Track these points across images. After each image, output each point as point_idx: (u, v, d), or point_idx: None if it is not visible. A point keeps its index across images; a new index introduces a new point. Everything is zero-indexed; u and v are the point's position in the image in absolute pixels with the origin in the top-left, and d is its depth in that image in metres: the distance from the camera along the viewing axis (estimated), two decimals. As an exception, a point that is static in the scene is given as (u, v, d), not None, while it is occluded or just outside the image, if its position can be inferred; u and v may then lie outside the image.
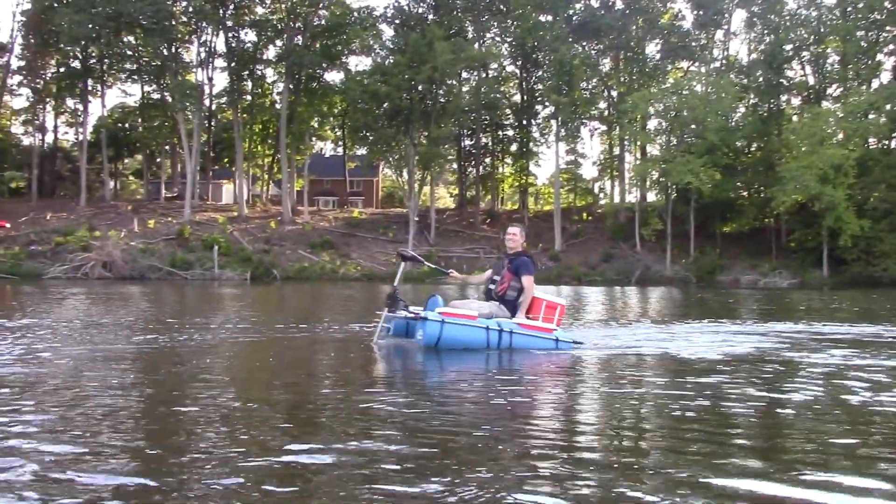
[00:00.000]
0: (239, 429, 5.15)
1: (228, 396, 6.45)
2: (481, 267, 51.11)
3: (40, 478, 4.01)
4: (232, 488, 3.79)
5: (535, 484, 3.94)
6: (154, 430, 5.23)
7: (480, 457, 4.44)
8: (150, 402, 6.29)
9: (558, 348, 9.59)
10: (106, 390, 6.66)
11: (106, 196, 63.21)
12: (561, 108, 55.21)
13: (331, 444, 4.66)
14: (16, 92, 65.56)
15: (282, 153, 60.57)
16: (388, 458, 4.36)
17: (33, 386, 6.87)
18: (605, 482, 3.98)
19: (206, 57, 61.06)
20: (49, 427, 5.19)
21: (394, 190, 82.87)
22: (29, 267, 44.91)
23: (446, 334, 9.13)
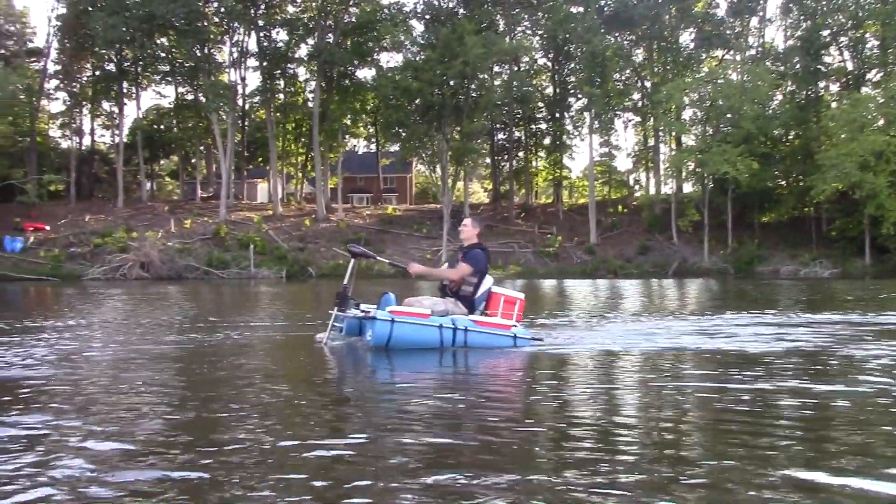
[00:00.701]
0: (275, 424, 5.12)
1: (265, 393, 6.40)
2: (516, 262, 51.03)
3: (86, 474, 4.03)
4: (271, 481, 3.83)
5: (576, 484, 3.79)
6: (194, 426, 5.21)
7: (532, 455, 4.31)
8: (190, 399, 6.25)
9: (516, 346, 9.23)
10: (148, 389, 6.66)
11: (143, 197, 63.91)
12: (594, 100, 54.77)
13: (364, 439, 4.67)
14: (53, 96, 66.57)
15: (315, 151, 60.77)
16: (419, 453, 4.34)
17: (77, 385, 6.88)
18: (647, 479, 3.83)
19: (239, 57, 61.46)
20: (93, 424, 5.23)
21: (427, 186, 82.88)
22: (69, 269, 45.51)
23: (396, 334, 8.78)
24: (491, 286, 9.65)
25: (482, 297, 9.56)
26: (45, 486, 3.89)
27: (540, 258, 52.57)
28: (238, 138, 64.29)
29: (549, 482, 3.86)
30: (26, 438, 4.89)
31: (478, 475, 3.96)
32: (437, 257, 51.27)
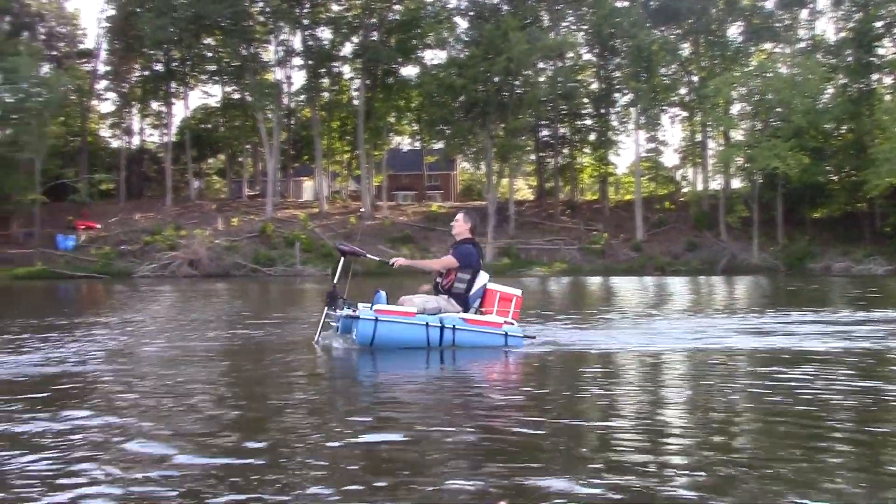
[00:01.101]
0: (320, 420, 5.11)
1: (309, 389, 6.39)
2: (561, 259, 50.71)
3: (134, 467, 4.10)
4: (317, 475, 3.90)
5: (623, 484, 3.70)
6: (239, 421, 5.23)
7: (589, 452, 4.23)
8: (236, 395, 6.27)
9: (507, 344, 9.04)
10: (195, 385, 6.72)
11: (191, 195, 64.73)
12: (640, 95, 54.19)
13: (403, 432, 4.71)
14: (103, 96, 67.83)
15: (360, 149, 60.99)
16: (462, 447, 4.34)
17: (127, 381, 6.96)
18: (695, 479, 3.72)
19: (284, 56, 61.92)
20: (141, 419, 5.29)
21: (472, 183, 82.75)
22: (119, 266, 46.25)
23: (381, 333, 8.69)
24: (486, 283, 9.45)
25: (476, 294, 9.36)
26: (94, 477, 3.93)
27: (585, 255, 52.18)
28: (284, 137, 64.77)
29: (595, 482, 3.79)
30: (78, 432, 4.96)
31: (528, 471, 3.90)
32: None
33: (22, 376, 7.30)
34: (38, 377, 7.24)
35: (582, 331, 11.23)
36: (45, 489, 3.78)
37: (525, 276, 43.15)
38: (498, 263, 49.68)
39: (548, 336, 10.24)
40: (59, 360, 8.27)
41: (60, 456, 4.35)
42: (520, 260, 50.42)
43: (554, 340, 9.75)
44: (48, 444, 4.66)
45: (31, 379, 7.16)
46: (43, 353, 8.86)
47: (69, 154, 61.66)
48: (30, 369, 7.68)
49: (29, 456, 4.36)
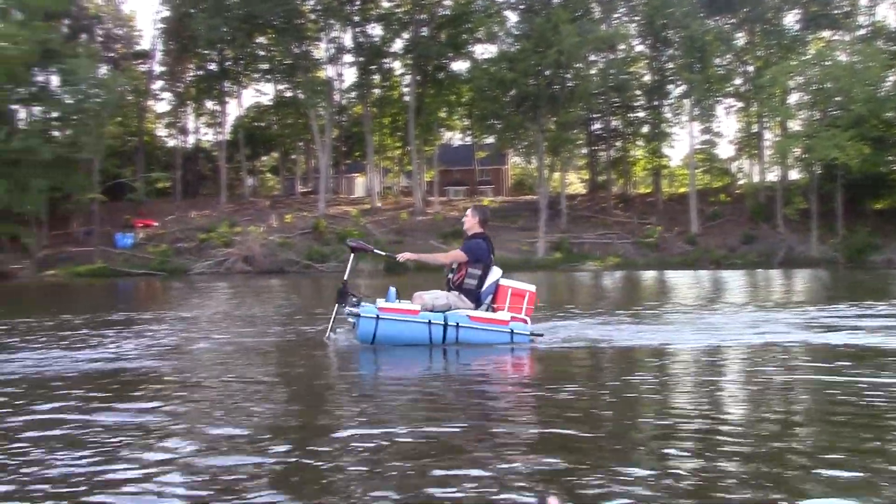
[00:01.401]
0: (371, 414, 5.08)
1: (361, 383, 6.38)
2: (614, 253, 50.22)
3: (187, 459, 4.19)
4: (370, 467, 3.94)
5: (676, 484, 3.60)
6: (290, 414, 5.22)
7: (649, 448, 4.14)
8: (288, 389, 6.28)
9: (514, 341, 8.89)
10: (248, 379, 6.76)
11: (245, 193, 65.50)
12: (694, 86, 53.31)
13: (457, 425, 4.67)
14: (159, 96, 68.96)
15: (411, 145, 61.12)
16: (516, 439, 4.27)
17: (184, 376, 7.04)
18: (754, 472, 3.61)
19: (335, 53, 62.24)
20: (196, 413, 5.34)
21: (523, 177, 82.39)
22: (176, 263, 47.02)
23: (382, 331, 8.72)
24: (499, 279, 9.36)
25: (489, 290, 9.28)
26: (150, 469, 3.97)
27: (639, 249, 51.60)
28: (335, 133, 65.18)
29: (648, 478, 3.71)
30: (128, 427, 5.03)
31: (581, 467, 3.82)
32: (533, 249, 50.93)
33: (82, 371, 7.44)
34: (97, 372, 7.37)
35: (636, 326, 11.05)
36: (93, 481, 3.82)
37: (577, 271, 42.85)
38: (550, 258, 49.43)
39: (600, 332, 10.10)
40: (116, 356, 8.42)
41: (108, 449, 4.42)
42: (572, 254, 50.06)
43: (607, 337, 9.60)
44: (101, 435, 4.75)
45: (92, 373, 7.29)
46: (101, 349, 9.04)
47: (127, 153, 62.84)
48: (89, 364, 7.82)
49: (83, 448, 4.46)
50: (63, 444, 4.60)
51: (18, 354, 8.71)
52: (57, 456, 4.33)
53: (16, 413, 5.52)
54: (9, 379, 7.04)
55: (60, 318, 13.87)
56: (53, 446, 4.56)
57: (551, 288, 26.05)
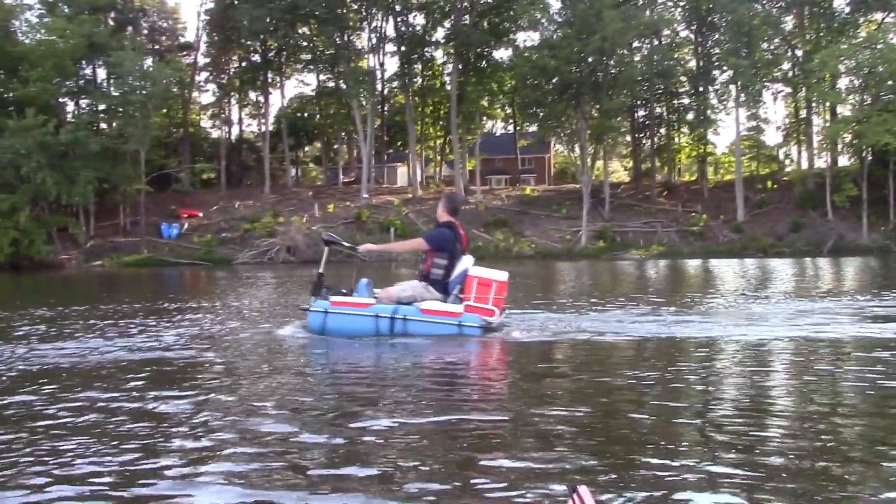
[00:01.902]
0: (409, 404, 5.01)
1: (402, 372, 6.31)
2: (658, 241, 49.66)
3: (230, 447, 4.17)
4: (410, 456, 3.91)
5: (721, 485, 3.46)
6: (329, 404, 5.17)
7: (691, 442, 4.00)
8: (329, 378, 6.23)
9: (462, 333, 8.67)
10: (290, 369, 6.73)
11: (288, 183, 65.97)
12: (740, 71, 52.36)
13: (495, 413, 4.55)
14: (203, 88, 69.84)
15: (453, 134, 61.00)
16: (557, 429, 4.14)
17: (224, 364, 7.05)
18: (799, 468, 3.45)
19: (377, 42, 62.31)
20: (242, 401, 5.34)
21: (566, 166, 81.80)
22: (220, 253, 47.54)
23: (330, 324, 8.90)
24: (468, 268, 9.11)
25: (457, 280, 9.06)
26: (191, 458, 4.00)
27: (684, 237, 50.98)
28: (378, 123, 65.31)
29: (687, 470, 3.58)
30: (180, 414, 5.06)
31: (622, 458, 3.70)
32: (576, 238, 50.57)
33: (127, 360, 7.50)
34: (142, 360, 7.43)
35: (678, 316, 10.83)
36: (135, 470, 3.84)
37: (620, 260, 42.45)
38: (593, 247, 49.05)
39: (643, 322, 9.91)
40: (162, 345, 8.52)
41: (151, 439, 4.44)
42: (615, 243, 49.64)
43: (651, 327, 9.40)
44: (144, 424, 4.77)
45: (137, 362, 7.35)
46: (146, 337, 9.16)
47: (172, 145, 63.66)
48: (134, 353, 7.88)
49: (126, 438, 4.49)
50: (104, 433, 4.63)
51: (64, 343, 8.84)
52: (99, 445, 4.35)
53: (59, 401, 5.55)
54: (54, 367, 7.10)
55: (107, 308, 14.06)
56: (95, 434, 4.58)
57: (594, 277, 25.80)
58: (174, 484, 3.66)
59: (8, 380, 6.51)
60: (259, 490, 3.54)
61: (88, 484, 3.69)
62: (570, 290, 18.65)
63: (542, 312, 11.46)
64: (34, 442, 4.43)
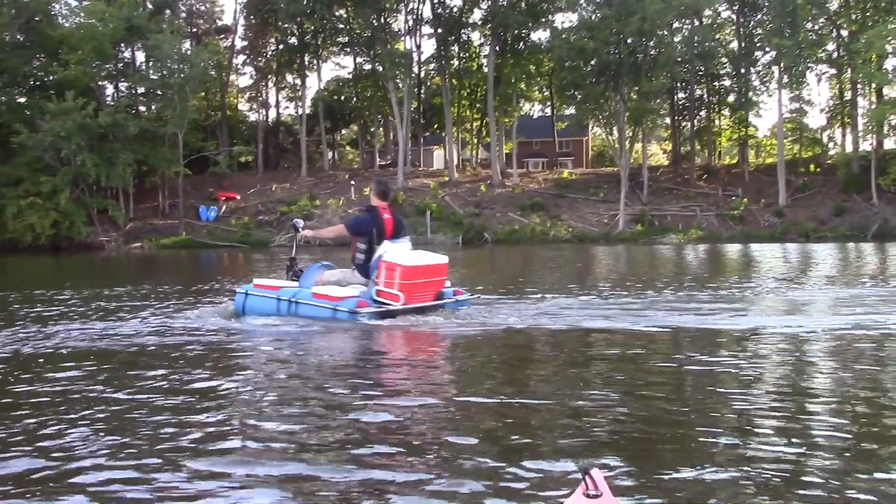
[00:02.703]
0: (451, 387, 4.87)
1: (440, 354, 6.17)
2: (698, 226, 48.99)
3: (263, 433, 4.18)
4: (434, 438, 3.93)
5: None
6: (365, 389, 5.04)
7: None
8: (356, 364, 6.11)
9: (336, 318, 8.75)
10: (325, 353, 6.63)
11: (325, 166, 66.08)
12: (783, 52, 51.28)
13: (528, 397, 4.40)
14: (241, 71, 70.11)
15: (490, 116, 60.61)
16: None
17: (265, 347, 7.00)
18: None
19: (414, 24, 62.05)
20: (272, 384, 5.33)
21: (604, 149, 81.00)
22: (258, 236, 47.79)
23: (248, 304, 9.53)
24: (383, 253, 9.10)
25: (374, 264, 9.18)
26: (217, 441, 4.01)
27: (724, 221, 50.23)
28: (414, 106, 65.12)
29: (723, 470, 3.37)
30: (207, 396, 5.07)
31: (654, 459, 3.51)
32: (613, 222, 50.07)
33: (160, 342, 7.48)
34: (180, 343, 7.41)
35: (713, 304, 10.52)
36: (167, 448, 3.79)
37: (659, 244, 41.94)
38: (631, 231, 48.53)
39: (678, 310, 9.63)
40: (196, 327, 8.56)
41: (184, 418, 4.49)
42: (653, 227, 49.08)
43: (685, 316, 9.10)
44: (174, 404, 4.83)
45: (174, 344, 7.33)
46: (182, 319, 9.38)
47: (210, 127, 63.98)
48: (168, 336, 7.85)
49: (156, 414, 4.63)
50: (138, 411, 4.71)
51: (94, 323, 8.88)
52: (136, 421, 4.49)
53: (79, 382, 5.51)
54: (106, 347, 7.08)
55: (160, 288, 14.34)
56: (163, 410, 4.73)
57: (630, 262, 25.47)
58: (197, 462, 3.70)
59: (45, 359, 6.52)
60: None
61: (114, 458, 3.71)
62: (604, 275, 18.36)
63: (565, 297, 11.22)
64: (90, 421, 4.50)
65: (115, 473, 3.59)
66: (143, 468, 3.68)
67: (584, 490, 2.11)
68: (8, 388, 5.60)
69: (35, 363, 6.53)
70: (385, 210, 9.47)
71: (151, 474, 3.60)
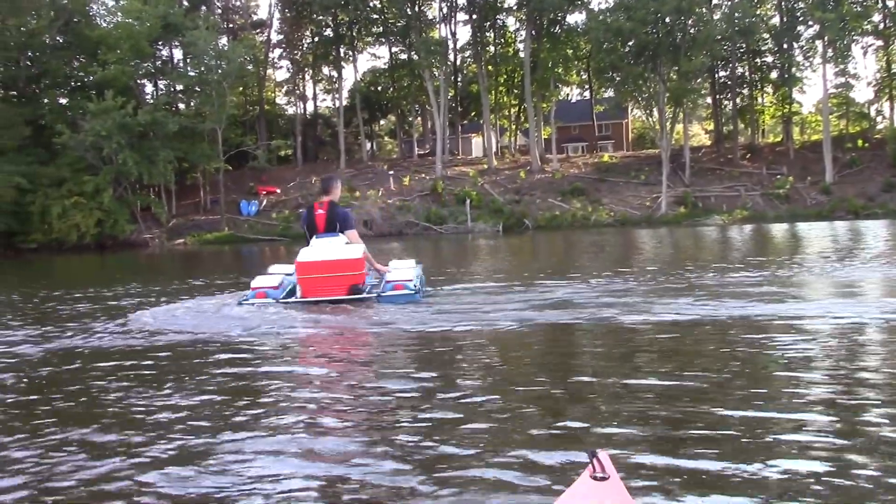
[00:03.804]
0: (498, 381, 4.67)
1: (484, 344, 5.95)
2: (742, 206, 48.15)
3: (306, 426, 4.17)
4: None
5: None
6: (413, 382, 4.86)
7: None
8: (409, 358, 5.93)
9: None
10: (369, 345, 6.46)
11: (364, 157, 66.16)
12: (827, 25, 50.05)
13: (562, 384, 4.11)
14: (277, 65, 70.43)
15: (527, 102, 60.10)
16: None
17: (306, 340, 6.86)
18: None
19: (448, 12, 61.73)
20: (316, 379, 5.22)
21: (644, 131, 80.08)
22: (298, 229, 47.72)
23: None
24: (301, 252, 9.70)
25: None
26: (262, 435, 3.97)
27: (769, 201, 49.30)
28: (451, 94, 64.88)
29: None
30: (255, 389, 5.03)
31: (706, 457, 3.26)
32: (655, 205, 49.41)
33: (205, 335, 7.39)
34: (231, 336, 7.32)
35: (764, 288, 10.14)
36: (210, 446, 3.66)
37: (702, 226, 41.27)
38: (673, 213, 47.86)
39: (719, 296, 9.26)
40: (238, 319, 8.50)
41: (226, 417, 4.35)
42: (697, 209, 48.34)
43: (727, 306, 8.67)
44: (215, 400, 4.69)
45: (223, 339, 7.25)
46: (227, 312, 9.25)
47: (248, 122, 64.38)
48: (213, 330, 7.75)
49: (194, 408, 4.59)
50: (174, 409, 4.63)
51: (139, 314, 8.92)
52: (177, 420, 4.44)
53: (120, 377, 5.42)
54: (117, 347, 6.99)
55: (188, 283, 14.28)
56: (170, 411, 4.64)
57: (675, 244, 25.01)
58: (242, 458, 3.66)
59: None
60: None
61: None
62: (656, 258, 17.98)
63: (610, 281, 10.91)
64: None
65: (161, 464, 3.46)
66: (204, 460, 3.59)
67: (592, 472, 2.11)
68: (82, 379, 5.69)
69: (104, 355, 6.54)
70: (321, 206, 9.75)
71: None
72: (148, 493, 3.29)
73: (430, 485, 3.23)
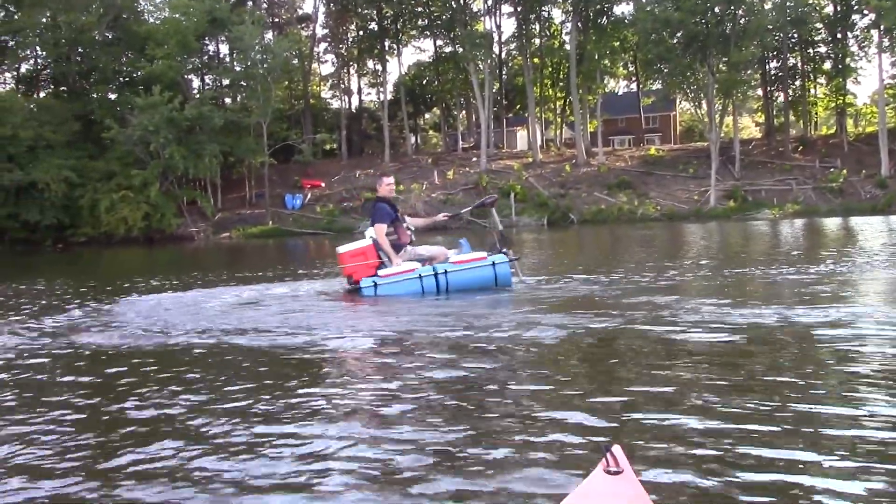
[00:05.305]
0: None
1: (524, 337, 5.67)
2: (794, 200, 47.13)
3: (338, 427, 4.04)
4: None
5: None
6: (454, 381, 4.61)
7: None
8: (456, 354, 5.68)
9: None
10: (416, 342, 6.30)
11: (408, 151, 66.18)
12: (883, 14, 48.69)
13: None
14: (322, 59, 70.77)
15: (573, 95, 59.50)
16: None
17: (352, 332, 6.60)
18: None
19: (493, 4, 61.31)
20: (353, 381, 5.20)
21: (693, 123, 78.96)
22: (342, 223, 48.05)
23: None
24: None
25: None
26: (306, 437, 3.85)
27: (822, 195, 48.19)
28: (496, 87, 64.54)
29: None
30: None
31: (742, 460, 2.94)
32: (704, 199, 48.57)
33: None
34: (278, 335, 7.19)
35: (816, 287, 9.69)
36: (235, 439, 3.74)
37: (752, 220, 40.43)
38: (722, 207, 47.03)
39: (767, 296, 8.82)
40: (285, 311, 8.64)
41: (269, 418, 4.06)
42: (747, 203, 47.45)
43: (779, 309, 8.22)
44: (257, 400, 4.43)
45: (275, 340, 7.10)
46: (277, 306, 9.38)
47: (293, 116, 64.67)
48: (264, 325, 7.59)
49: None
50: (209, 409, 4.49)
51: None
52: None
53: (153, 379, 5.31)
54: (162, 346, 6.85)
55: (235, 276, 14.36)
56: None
57: (724, 238, 24.46)
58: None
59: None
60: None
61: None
62: (709, 253, 17.50)
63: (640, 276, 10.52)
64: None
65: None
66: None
67: (605, 467, 2.13)
68: (135, 368, 5.73)
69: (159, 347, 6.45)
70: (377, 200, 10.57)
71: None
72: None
73: (442, 474, 3.22)
